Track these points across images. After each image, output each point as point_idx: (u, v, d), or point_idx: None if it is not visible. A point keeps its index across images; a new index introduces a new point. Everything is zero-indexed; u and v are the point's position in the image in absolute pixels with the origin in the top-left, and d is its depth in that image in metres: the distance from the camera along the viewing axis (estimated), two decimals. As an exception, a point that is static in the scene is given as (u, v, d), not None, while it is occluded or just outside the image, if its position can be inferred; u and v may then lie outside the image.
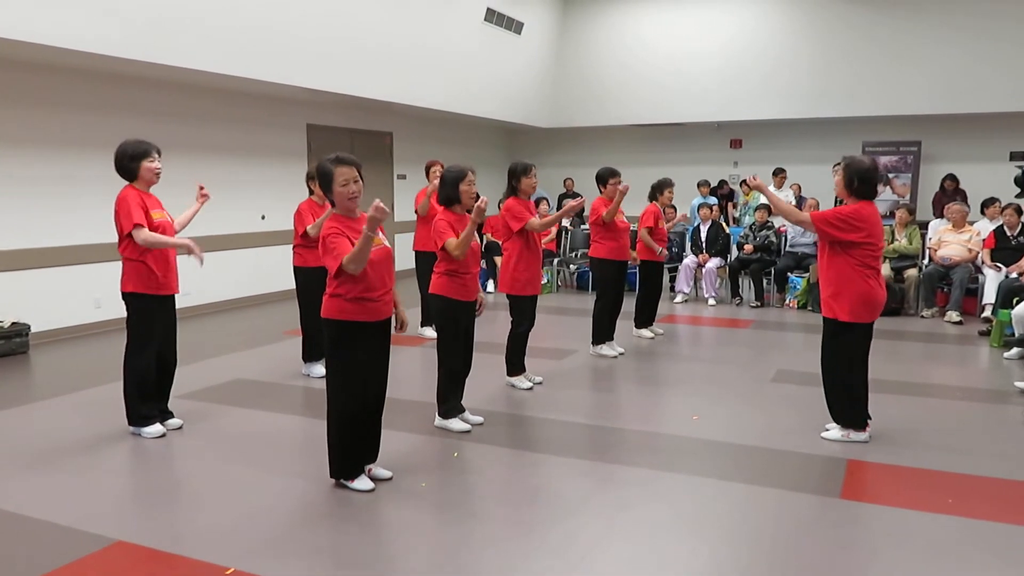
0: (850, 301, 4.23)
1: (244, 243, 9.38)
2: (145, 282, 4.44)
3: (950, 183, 11.26)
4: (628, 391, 5.84)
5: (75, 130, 7.47)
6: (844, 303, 4.25)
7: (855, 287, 4.22)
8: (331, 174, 3.57)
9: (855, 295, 4.23)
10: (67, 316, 7.49)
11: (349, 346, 3.64)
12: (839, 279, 4.25)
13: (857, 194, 4.26)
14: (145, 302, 4.47)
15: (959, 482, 3.92)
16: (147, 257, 4.42)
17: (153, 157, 4.47)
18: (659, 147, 14.32)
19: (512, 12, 12.06)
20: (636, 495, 3.77)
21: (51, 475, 4.06)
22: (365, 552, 3.22)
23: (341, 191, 3.58)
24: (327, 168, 3.59)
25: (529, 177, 5.49)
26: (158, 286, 4.47)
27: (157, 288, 4.47)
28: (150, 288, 4.45)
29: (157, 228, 4.42)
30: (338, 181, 3.57)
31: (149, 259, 4.43)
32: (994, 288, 7.70)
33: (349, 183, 3.57)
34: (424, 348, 6.86)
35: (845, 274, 4.23)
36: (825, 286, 4.33)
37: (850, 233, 4.17)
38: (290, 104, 9.97)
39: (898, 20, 11.60)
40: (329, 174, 3.57)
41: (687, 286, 9.69)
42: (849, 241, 4.18)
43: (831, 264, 4.28)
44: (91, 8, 6.32)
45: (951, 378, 6.00)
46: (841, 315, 4.26)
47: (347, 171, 3.57)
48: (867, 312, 4.27)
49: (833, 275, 4.27)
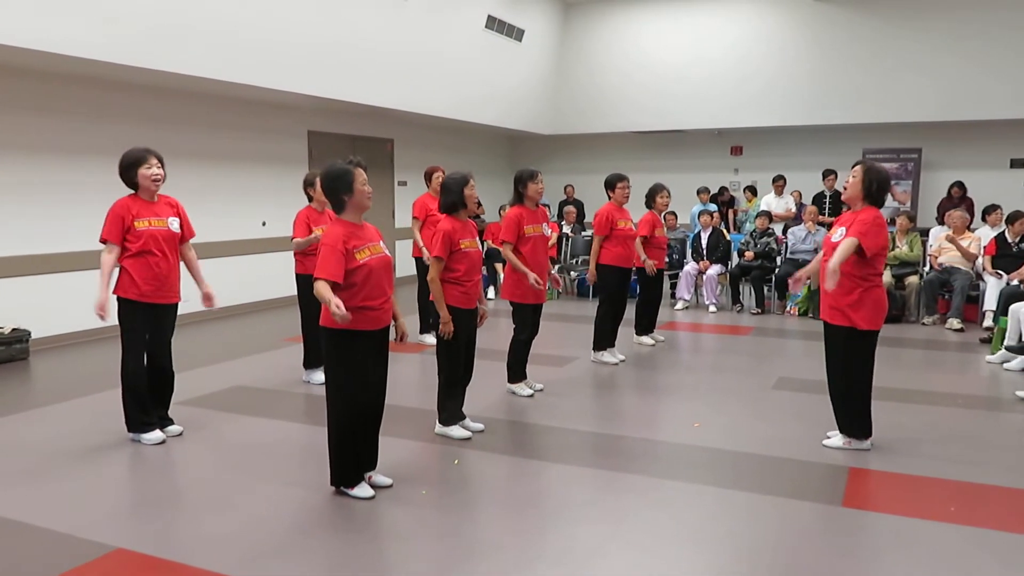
0: (869, 308, 4.23)
1: (245, 250, 9.37)
2: (126, 288, 4.45)
3: (957, 190, 11.23)
4: (629, 398, 5.83)
5: (75, 137, 7.48)
6: (863, 311, 4.23)
7: (872, 294, 4.24)
8: (351, 173, 3.61)
9: (873, 302, 4.24)
10: (67, 323, 7.48)
11: (348, 354, 3.63)
12: (858, 287, 4.23)
13: (871, 199, 4.28)
14: (128, 307, 4.48)
15: (961, 490, 3.90)
16: (129, 264, 4.44)
17: (150, 164, 4.47)
18: (659, 154, 14.34)
19: (513, 19, 12.09)
20: (636, 503, 3.76)
21: (51, 482, 4.05)
22: (365, 560, 3.21)
23: (362, 190, 3.64)
24: (344, 168, 3.62)
25: (536, 183, 5.46)
26: (140, 294, 4.45)
27: (139, 296, 4.46)
28: (130, 294, 4.45)
29: (142, 236, 4.41)
30: (359, 180, 3.63)
31: (130, 267, 4.44)
32: (995, 295, 7.70)
33: (367, 183, 3.67)
34: (424, 355, 6.86)
35: (867, 282, 4.22)
36: (842, 295, 4.25)
37: (883, 234, 4.19)
38: (291, 111, 9.99)
39: (899, 28, 11.63)
40: (348, 174, 3.61)
41: (688, 293, 9.69)
42: (881, 246, 4.19)
43: (853, 273, 4.22)
44: (91, 15, 6.33)
45: (952, 386, 5.98)
46: (860, 323, 4.24)
47: (363, 172, 3.67)
48: (881, 318, 4.29)
49: (852, 283, 4.23)
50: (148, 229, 4.44)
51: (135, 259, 4.42)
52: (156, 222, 4.48)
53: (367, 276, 3.59)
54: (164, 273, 4.50)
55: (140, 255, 4.42)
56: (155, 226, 4.47)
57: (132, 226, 4.41)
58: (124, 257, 4.44)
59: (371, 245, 3.67)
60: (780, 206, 11.14)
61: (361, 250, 3.60)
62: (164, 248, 4.50)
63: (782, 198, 11.33)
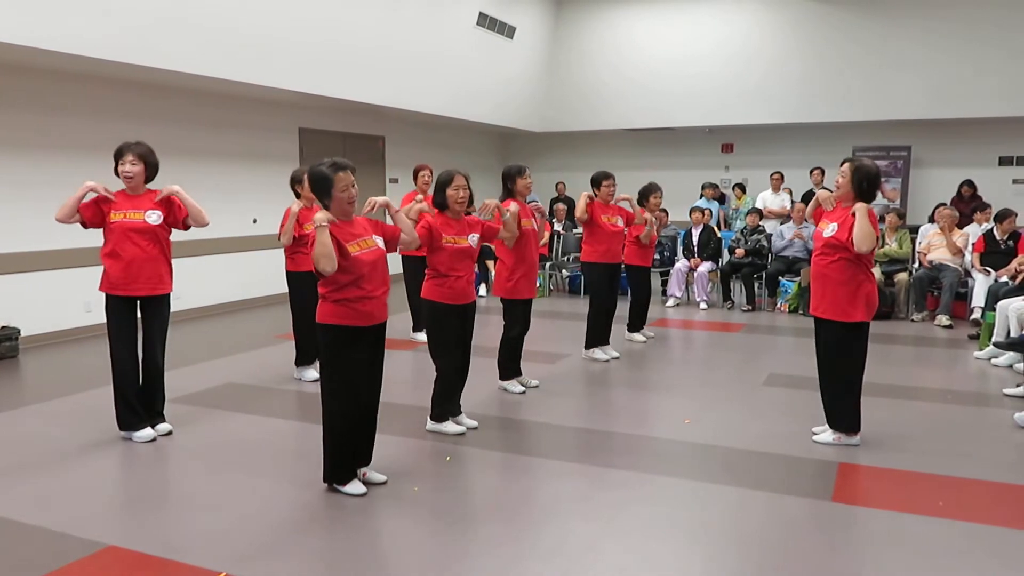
0: (864, 302, 4.29)
1: (236, 247, 9.35)
2: (104, 282, 4.47)
3: (967, 189, 11.22)
4: (620, 395, 5.85)
5: (65, 133, 7.44)
6: (860, 305, 4.29)
7: (865, 288, 4.30)
8: (330, 180, 3.57)
9: (866, 295, 4.29)
10: (57, 320, 7.45)
11: (343, 351, 3.63)
12: (853, 281, 4.28)
13: (863, 196, 4.33)
14: (108, 301, 4.49)
15: (950, 485, 3.94)
16: (104, 257, 4.46)
17: (124, 159, 4.47)
18: (651, 151, 14.36)
19: (504, 16, 12.08)
20: (628, 499, 3.78)
21: (41, 479, 4.04)
22: (356, 557, 3.22)
23: (340, 196, 3.59)
24: (325, 174, 3.59)
25: (524, 178, 5.49)
26: (111, 286, 4.46)
27: (111, 288, 4.46)
28: (108, 287, 4.46)
29: (116, 229, 4.43)
30: (338, 187, 3.58)
31: (105, 259, 4.46)
32: (983, 292, 7.75)
33: (348, 188, 3.60)
34: (416, 352, 6.86)
35: (859, 276, 4.28)
36: (838, 289, 4.30)
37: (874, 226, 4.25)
38: (282, 108, 9.96)
39: (888, 25, 11.68)
40: (328, 179, 3.57)
41: (679, 290, 9.71)
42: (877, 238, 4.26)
43: (846, 268, 4.27)
44: (84, 12, 6.29)
45: (941, 381, 6.03)
46: (857, 316, 4.29)
47: (345, 176, 3.59)
48: (872, 311, 4.35)
49: (847, 277, 4.28)
50: (122, 220, 4.44)
51: (108, 250, 4.45)
52: (132, 214, 4.47)
53: (359, 269, 3.59)
54: (137, 265, 4.46)
55: (115, 245, 4.44)
56: (130, 218, 4.46)
57: (108, 217, 4.44)
58: (101, 252, 4.47)
59: (361, 240, 3.66)
60: (776, 202, 11.15)
61: (352, 244, 3.60)
62: (138, 240, 4.46)
63: (779, 194, 11.33)
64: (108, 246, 4.46)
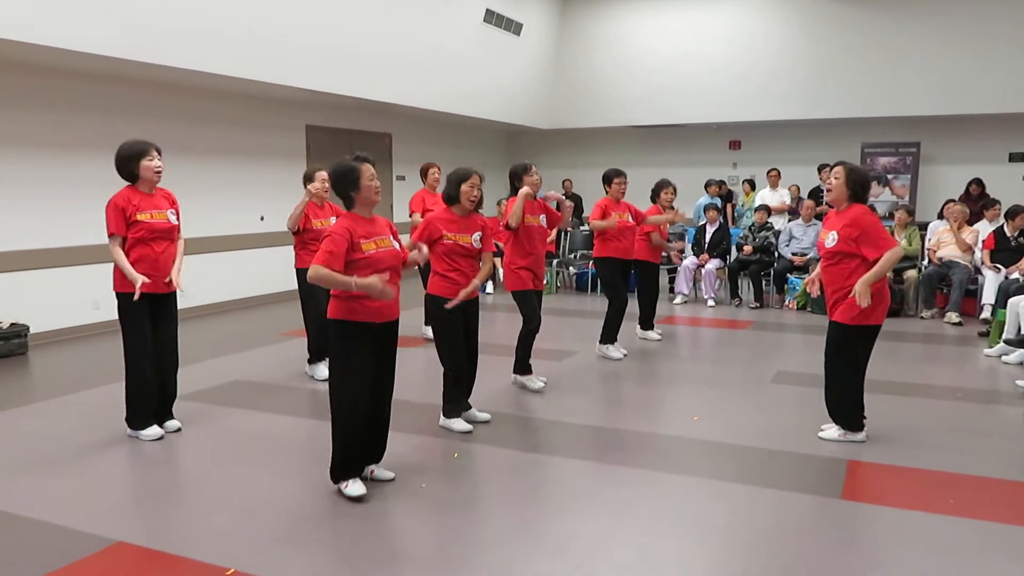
0: (875, 302, 4.25)
1: (243, 244, 9.37)
2: (121, 281, 4.43)
3: (975, 187, 11.12)
4: (627, 392, 5.84)
5: (73, 131, 7.46)
6: (876, 307, 4.26)
7: (880, 292, 4.28)
8: (357, 170, 3.63)
9: (878, 296, 4.26)
10: (66, 317, 7.48)
11: (354, 347, 3.63)
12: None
13: (856, 199, 4.34)
14: (125, 301, 4.45)
15: (960, 482, 3.92)
16: (130, 256, 4.43)
17: (152, 156, 4.46)
18: (658, 148, 14.32)
19: (511, 13, 12.07)
20: (636, 495, 3.77)
21: (51, 476, 4.05)
22: (364, 554, 3.21)
23: (369, 185, 3.65)
24: (351, 165, 3.64)
25: (530, 175, 5.50)
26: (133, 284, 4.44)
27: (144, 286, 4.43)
28: (126, 287, 4.42)
29: (143, 229, 4.42)
30: (365, 176, 3.64)
31: (131, 258, 4.42)
32: (993, 289, 7.71)
33: (374, 178, 3.68)
34: (426, 348, 6.86)
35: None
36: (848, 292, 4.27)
37: (882, 230, 4.29)
38: (289, 105, 9.96)
39: (897, 21, 11.61)
40: (355, 170, 3.63)
41: (687, 287, 9.69)
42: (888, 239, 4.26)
43: (858, 270, 4.24)
44: (89, 9, 6.31)
45: (951, 379, 6.00)
46: (873, 318, 4.28)
47: (370, 168, 3.68)
48: (884, 311, 4.34)
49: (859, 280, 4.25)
50: (150, 222, 4.45)
51: (136, 250, 4.42)
52: (157, 214, 4.49)
53: (372, 267, 3.58)
54: (162, 264, 4.51)
55: (141, 246, 4.43)
56: (156, 219, 4.48)
57: (135, 218, 4.41)
58: (125, 249, 4.43)
59: (379, 239, 3.67)
60: (774, 199, 11.12)
61: (367, 242, 3.60)
62: (164, 240, 4.51)
63: (777, 191, 11.31)
64: (136, 244, 4.43)
